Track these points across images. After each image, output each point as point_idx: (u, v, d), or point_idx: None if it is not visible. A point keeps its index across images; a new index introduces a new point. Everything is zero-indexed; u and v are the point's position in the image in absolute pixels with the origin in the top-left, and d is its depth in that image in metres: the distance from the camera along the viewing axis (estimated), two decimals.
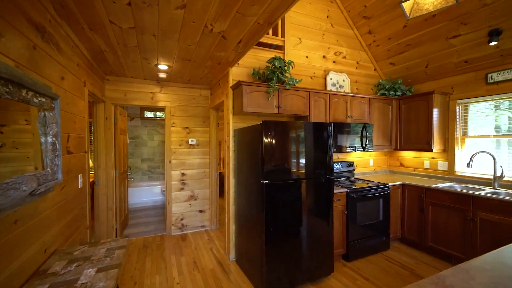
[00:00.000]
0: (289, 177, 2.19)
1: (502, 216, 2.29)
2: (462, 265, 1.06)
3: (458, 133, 3.21)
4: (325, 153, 2.35)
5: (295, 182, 2.22)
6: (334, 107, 3.04)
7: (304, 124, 2.26)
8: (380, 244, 2.96)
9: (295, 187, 2.21)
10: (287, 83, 2.56)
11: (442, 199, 2.76)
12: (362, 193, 2.79)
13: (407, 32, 3.21)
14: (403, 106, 3.52)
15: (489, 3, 2.48)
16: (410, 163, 3.77)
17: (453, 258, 2.70)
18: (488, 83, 2.91)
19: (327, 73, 3.45)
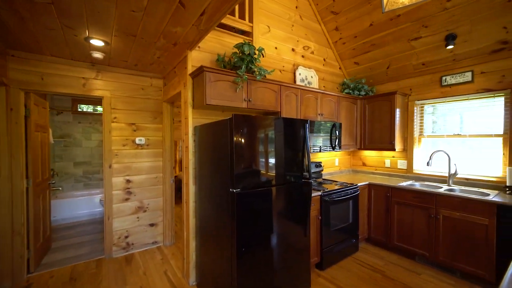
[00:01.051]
0: (264, 183, 1.84)
1: (463, 212, 2.37)
2: None
3: (416, 133, 3.35)
4: (302, 154, 2.08)
5: (271, 189, 1.88)
6: (306, 103, 2.82)
7: (282, 120, 1.94)
8: (350, 247, 2.86)
9: (271, 195, 1.88)
10: (258, 73, 2.21)
11: (407, 198, 2.79)
12: (335, 196, 2.63)
13: (373, 31, 3.20)
14: (367, 105, 3.54)
15: (449, 8, 2.57)
16: (372, 162, 3.84)
17: (417, 256, 2.75)
18: (442, 85, 3.08)
19: (296, 67, 3.23)
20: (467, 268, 2.35)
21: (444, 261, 2.50)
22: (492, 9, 2.39)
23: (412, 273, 2.50)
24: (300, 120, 2.07)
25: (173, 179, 3.24)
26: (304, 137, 2.09)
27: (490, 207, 2.21)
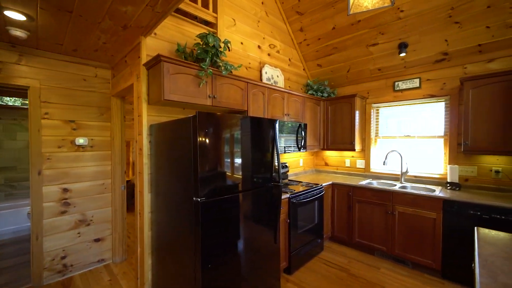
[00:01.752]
0: (232, 189, 1.67)
1: (415, 208, 2.57)
2: None
3: (373, 134, 3.57)
4: (271, 155, 1.97)
5: (240, 195, 1.72)
6: (272, 103, 2.73)
7: (251, 119, 1.80)
8: (316, 247, 2.88)
9: (239, 202, 1.71)
10: (224, 68, 2.03)
11: (367, 196, 2.93)
12: (302, 197, 2.60)
13: (335, 35, 3.29)
14: (329, 107, 3.64)
15: (402, 17, 2.77)
16: (333, 162, 3.98)
17: (376, 251, 2.90)
18: (395, 90, 3.33)
19: (262, 65, 3.13)
20: (417, 258, 2.55)
21: (399, 254, 2.68)
22: (436, 22, 2.64)
23: (373, 268, 2.62)
24: (270, 120, 1.95)
25: (125, 185, 2.82)
26: (274, 137, 1.98)
27: (437, 202, 2.43)
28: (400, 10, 2.71)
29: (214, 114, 1.55)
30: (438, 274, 2.46)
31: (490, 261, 1.06)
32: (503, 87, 2.32)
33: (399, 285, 2.31)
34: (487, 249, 1.19)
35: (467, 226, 2.27)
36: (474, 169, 2.71)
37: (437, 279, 2.41)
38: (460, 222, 2.30)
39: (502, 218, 2.10)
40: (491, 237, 1.35)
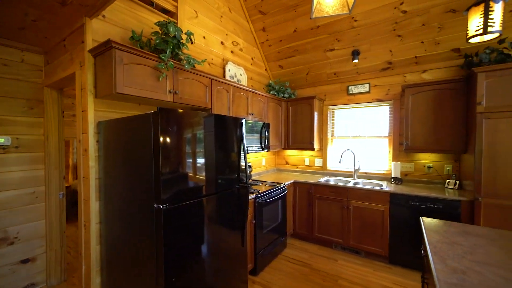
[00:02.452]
0: (198, 193, 1.54)
1: (368, 202, 2.82)
2: None
3: (329, 134, 3.80)
4: (238, 155, 1.90)
5: (206, 199, 1.60)
6: (237, 102, 2.66)
7: (217, 118, 1.69)
8: (280, 245, 2.92)
9: (206, 206, 1.60)
10: (187, 62, 1.87)
11: (326, 192, 3.10)
12: (267, 197, 2.60)
13: (296, 38, 3.39)
14: (290, 108, 3.75)
15: (356, 27, 3.01)
16: (294, 161, 4.11)
17: (334, 244, 3.09)
18: (348, 94, 3.60)
19: (225, 62, 3.03)
20: (369, 248, 2.81)
21: (354, 245, 2.91)
22: (383, 34, 2.94)
23: (331, 260, 2.78)
24: (236, 119, 1.88)
25: (63, 192, 2.39)
26: (241, 137, 1.92)
27: (385, 196, 2.71)
28: (354, 19, 2.94)
29: (178, 110, 1.41)
30: (386, 260, 2.75)
31: (438, 248, 1.20)
32: (434, 94, 2.72)
33: (354, 273, 2.50)
34: (433, 236, 1.35)
35: (408, 215, 2.58)
36: (412, 165, 3.11)
37: (385, 264, 2.69)
38: (403, 212, 2.61)
39: (434, 207, 2.45)
40: (434, 225, 1.54)
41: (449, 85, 2.64)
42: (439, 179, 2.94)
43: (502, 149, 2.16)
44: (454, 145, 2.62)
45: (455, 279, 0.93)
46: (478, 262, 1.06)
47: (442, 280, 0.92)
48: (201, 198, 1.57)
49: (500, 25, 1.31)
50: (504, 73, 2.16)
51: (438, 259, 1.09)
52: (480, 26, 1.33)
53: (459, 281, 0.91)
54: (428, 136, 2.75)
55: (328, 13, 2.34)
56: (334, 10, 2.30)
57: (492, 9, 1.28)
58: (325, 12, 2.34)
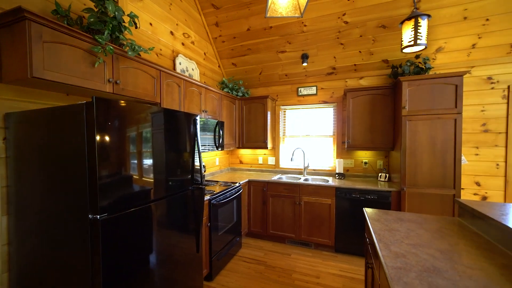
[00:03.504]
0: (144, 198, 1.35)
1: (317, 197, 3.01)
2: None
3: (281, 133, 3.93)
4: (192, 155, 1.75)
5: (155, 204, 1.42)
6: (189, 97, 2.48)
7: (169, 113, 1.52)
8: (235, 246, 2.86)
9: (155, 212, 1.41)
10: (131, 48, 1.63)
11: (279, 190, 3.18)
12: (222, 198, 2.50)
13: (250, 36, 3.39)
14: (244, 106, 3.72)
15: (305, 31, 3.17)
16: (247, 160, 4.11)
17: (286, 239, 3.20)
18: (298, 95, 3.79)
19: (176, 55, 2.80)
20: (318, 240, 3.01)
21: (305, 238, 3.07)
22: (328, 41, 3.19)
23: (285, 255, 2.87)
24: (190, 115, 1.74)
25: None
26: (195, 134, 1.78)
27: (331, 190, 2.94)
28: (304, 24, 3.09)
29: (120, 102, 1.20)
30: (333, 250, 2.98)
31: (382, 235, 1.34)
32: (369, 99, 3.08)
33: (305, 265, 2.63)
34: (376, 225, 1.50)
35: (351, 206, 2.86)
36: (352, 162, 3.47)
37: (332, 253, 2.93)
38: (346, 204, 2.88)
39: (371, 198, 2.78)
40: (375, 214, 1.72)
41: (381, 91, 3.03)
42: (373, 173, 3.36)
43: (419, 146, 2.59)
44: (385, 143, 3.02)
45: (399, 262, 1.04)
46: (413, 245, 1.21)
47: (389, 265, 1.02)
48: (149, 203, 1.38)
49: (426, 39, 1.57)
50: (421, 83, 2.59)
51: (383, 245, 1.20)
52: (412, 38, 1.55)
53: (402, 264, 1.02)
54: (365, 135, 3.10)
55: (281, 14, 2.39)
56: (287, 11, 2.37)
57: (420, 24, 1.52)
58: (279, 13, 2.38)
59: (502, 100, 2.87)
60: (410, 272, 0.96)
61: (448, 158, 2.50)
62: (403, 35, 1.66)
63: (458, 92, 2.47)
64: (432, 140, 2.55)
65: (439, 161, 2.53)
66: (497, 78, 2.88)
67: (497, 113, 2.89)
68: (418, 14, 1.53)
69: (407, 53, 1.79)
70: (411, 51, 1.80)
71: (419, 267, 1.00)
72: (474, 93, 2.96)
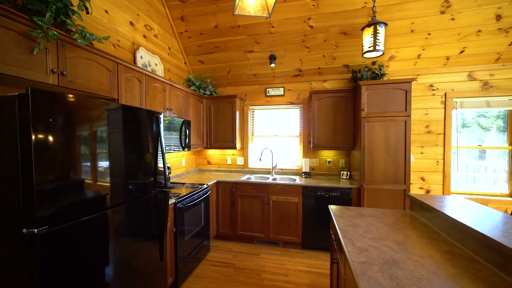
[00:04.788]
0: (99, 205, 1.20)
1: (285, 196, 3.06)
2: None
3: (250, 133, 3.92)
4: (155, 156, 1.62)
5: (112, 212, 1.27)
6: (152, 94, 2.31)
7: (127, 109, 1.38)
8: (203, 250, 2.76)
9: (111, 220, 1.26)
10: (81, 35, 1.43)
11: (248, 190, 3.16)
12: (189, 201, 2.38)
13: (217, 34, 3.30)
14: (212, 105, 3.62)
15: (273, 32, 3.21)
16: (215, 160, 4.01)
17: (255, 239, 3.20)
18: (267, 95, 3.83)
19: (136, 48, 2.58)
20: (286, 238, 3.07)
21: (273, 237, 3.10)
22: (295, 44, 3.27)
23: (254, 256, 2.86)
24: (152, 113, 1.61)
25: None
26: (158, 134, 1.65)
27: (298, 189, 3.02)
28: (271, 26, 3.12)
29: (65, 96, 1.04)
30: (300, 247, 3.07)
31: (346, 231, 1.40)
32: (333, 101, 3.25)
33: (274, 264, 2.66)
34: (341, 221, 1.57)
35: (316, 204, 2.97)
36: (317, 161, 3.62)
37: (299, 250, 3.01)
38: (312, 202, 2.99)
39: (335, 195, 2.93)
40: (339, 211, 1.81)
41: (343, 93, 3.21)
42: (336, 171, 3.55)
43: (376, 146, 2.81)
44: (346, 143, 3.21)
45: (363, 257, 1.09)
46: (374, 239, 1.29)
47: (354, 260, 1.06)
48: (105, 210, 1.23)
49: (383, 45, 1.70)
50: (377, 87, 2.81)
51: (348, 241, 1.26)
52: (371, 44, 1.66)
53: (365, 259, 1.07)
54: (329, 136, 3.26)
55: (249, 13, 2.37)
56: (255, 10, 2.35)
57: (378, 31, 1.64)
58: (247, 11, 2.36)
59: (441, 105, 3.28)
60: (372, 266, 1.01)
61: (400, 157, 2.76)
62: (364, 41, 1.77)
63: (408, 97, 2.75)
64: (386, 140, 2.79)
65: (392, 159, 2.77)
66: (437, 85, 3.28)
67: (437, 116, 3.29)
68: (377, 21, 1.65)
69: (367, 58, 1.92)
70: (370, 57, 1.94)
71: (380, 260, 1.06)
72: (419, 98, 3.32)
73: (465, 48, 3.02)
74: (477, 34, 2.87)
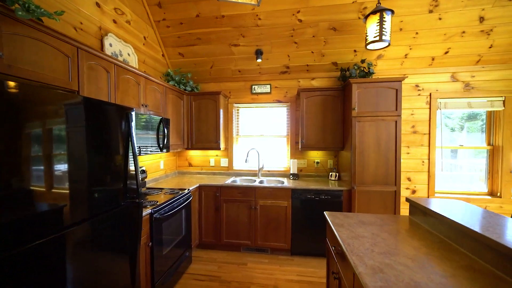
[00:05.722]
0: (47, 225, 0.91)
1: (273, 199, 2.88)
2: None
3: (235, 133, 3.68)
4: (125, 159, 1.34)
5: (71, 232, 0.98)
6: (123, 88, 1.99)
7: (89, 102, 1.10)
8: (185, 262, 2.49)
9: (69, 243, 0.98)
10: (24, 7, 1.12)
11: (234, 194, 2.93)
12: (168, 209, 2.10)
13: (199, 24, 3.02)
14: (193, 102, 3.33)
15: (260, 25, 3.00)
16: (197, 162, 3.72)
17: (242, 246, 2.98)
18: (252, 93, 3.61)
19: (104, 33, 2.23)
20: (274, 244, 2.89)
21: (261, 244, 2.90)
22: (283, 38, 3.09)
23: (241, 266, 2.64)
24: (121, 107, 1.33)
25: None
26: (128, 133, 1.37)
27: (287, 192, 2.85)
28: (258, 17, 2.91)
29: (3, 82, 0.75)
30: (289, 253, 2.90)
31: (351, 245, 1.24)
32: (322, 99, 3.12)
33: (263, 274, 2.46)
34: (342, 232, 1.41)
35: (306, 207, 2.82)
36: (305, 162, 3.49)
37: (288, 257, 2.84)
38: (302, 205, 2.83)
39: (325, 197, 2.80)
40: (337, 219, 1.65)
41: (332, 92, 3.09)
42: (324, 172, 3.44)
43: (367, 146, 2.72)
44: (335, 143, 3.10)
45: (379, 280, 0.92)
46: (384, 254, 1.13)
47: (370, 285, 0.89)
48: (62, 231, 0.95)
49: (389, 35, 1.56)
50: (368, 86, 2.72)
51: (357, 259, 1.09)
52: (377, 33, 1.52)
53: (383, 283, 0.91)
54: (318, 135, 3.13)
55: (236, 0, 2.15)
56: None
57: (385, 19, 1.50)
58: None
59: (426, 105, 3.29)
60: None
61: (390, 157, 2.69)
62: (368, 30, 1.63)
63: (398, 96, 2.68)
64: (377, 141, 2.71)
65: (383, 160, 2.70)
66: (422, 86, 3.28)
67: (422, 116, 3.29)
68: (383, 8, 1.51)
69: (371, 50, 1.78)
70: (374, 48, 1.81)
71: (401, 284, 0.90)
72: (406, 98, 3.30)
73: (449, 49, 3.03)
74: (461, 35, 2.88)
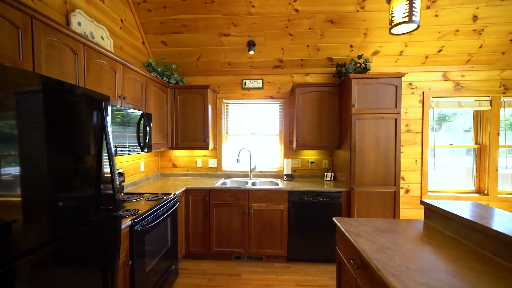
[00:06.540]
0: None
1: (268, 203, 2.65)
2: None
3: (224, 131, 3.41)
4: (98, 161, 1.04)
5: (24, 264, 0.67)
6: (95, 74, 1.65)
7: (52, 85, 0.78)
8: (171, 277, 2.18)
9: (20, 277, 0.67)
10: None
11: (224, 198, 2.67)
12: (151, 219, 1.79)
13: (185, 9, 2.71)
14: (179, 97, 3.01)
15: (253, 13, 2.75)
16: (183, 163, 3.39)
17: (234, 255, 2.72)
18: (243, 88, 3.36)
19: (71, 9, 1.86)
20: (269, 251, 2.66)
21: (255, 251, 2.67)
22: (277, 29, 2.87)
23: (234, 277, 2.39)
24: (93, 94, 1.02)
25: None
26: (102, 127, 1.07)
27: (283, 194, 2.64)
28: (252, 4, 2.66)
29: None
30: (285, 260, 2.70)
31: (380, 260, 1.04)
32: (317, 96, 2.95)
33: (259, 285, 2.24)
34: (363, 243, 1.22)
35: (303, 210, 2.63)
36: (299, 162, 3.31)
37: (285, 264, 2.64)
38: (299, 208, 2.63)
39: (323, 199, 2.63)
40: (350, 226, 1.46)
41: (328, 88, 2.94)
42: (319, 172, 3.28)
43: (366, 145, 2.59)
44: (332, 142, 2.95)
45: None
46: (422, 272, 0.95)
47: None
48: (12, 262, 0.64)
49: (419, 17, 1.40)
50: (367, 82, 2.59)
51: (396, 280, 0.89)
52: (406, 13, 1.34)
53: None
54: (314, 134, 2.96)
55: None
56: None
57: None
58: None
59: (419, 104, 3.25)
60: None
61: (390, 157, 2.58)
62: (394, 10, 1.45)
63: (398, 93, 2.58)
64: (376, 139, 2.59)
65: (382, 160, 2.59)
66: (416, 84, 3.24)
67: (415, 115, 3.25)
68: None
69: (394, 34, 1.59)
70: (399, 33, 1.63)
71: None
72: None
73: (442, 48, 3.00)
74: (455, 34, 2.86)
